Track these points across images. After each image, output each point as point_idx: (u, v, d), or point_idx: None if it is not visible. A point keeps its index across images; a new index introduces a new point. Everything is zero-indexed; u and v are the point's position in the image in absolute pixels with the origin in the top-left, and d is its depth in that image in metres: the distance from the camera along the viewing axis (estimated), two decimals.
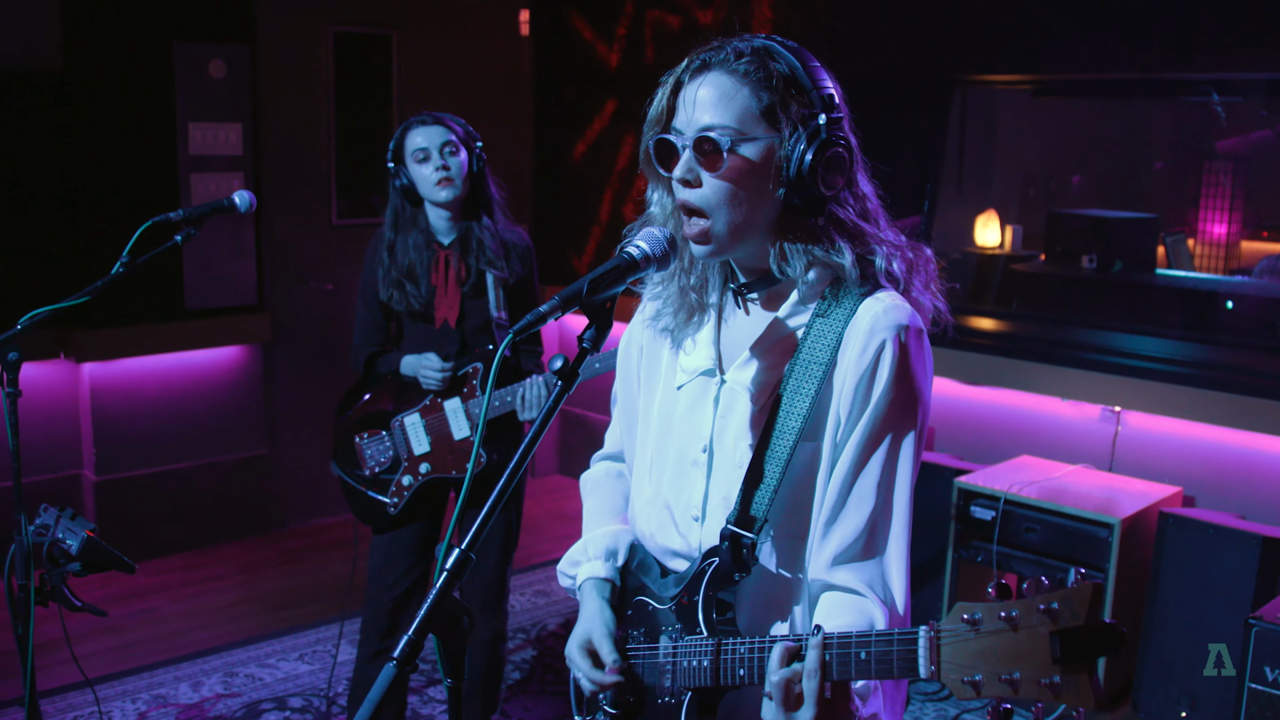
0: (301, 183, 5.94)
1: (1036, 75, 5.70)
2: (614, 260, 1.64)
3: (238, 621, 4.96)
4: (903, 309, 1.72)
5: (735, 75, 1.69)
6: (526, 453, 1.55)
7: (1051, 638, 1.28)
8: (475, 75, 6.54)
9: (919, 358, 1.72)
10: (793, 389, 1.73)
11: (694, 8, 6.08)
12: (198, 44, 5.44)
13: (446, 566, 1.52)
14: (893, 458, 1.71)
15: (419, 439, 3.63)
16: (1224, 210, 7.03)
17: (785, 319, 1.78)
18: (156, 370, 5.59)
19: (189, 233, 3.03)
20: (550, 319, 1.55)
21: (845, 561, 1.71)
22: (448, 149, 3.48)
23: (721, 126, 1.67)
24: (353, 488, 3.73)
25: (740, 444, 1.78)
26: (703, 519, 1.83)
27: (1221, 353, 4.85)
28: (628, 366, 2.05)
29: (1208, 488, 4.50)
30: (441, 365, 3.52)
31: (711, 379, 1.84)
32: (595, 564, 1.97)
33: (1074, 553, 4.20)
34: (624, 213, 6.58)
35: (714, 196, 1.69)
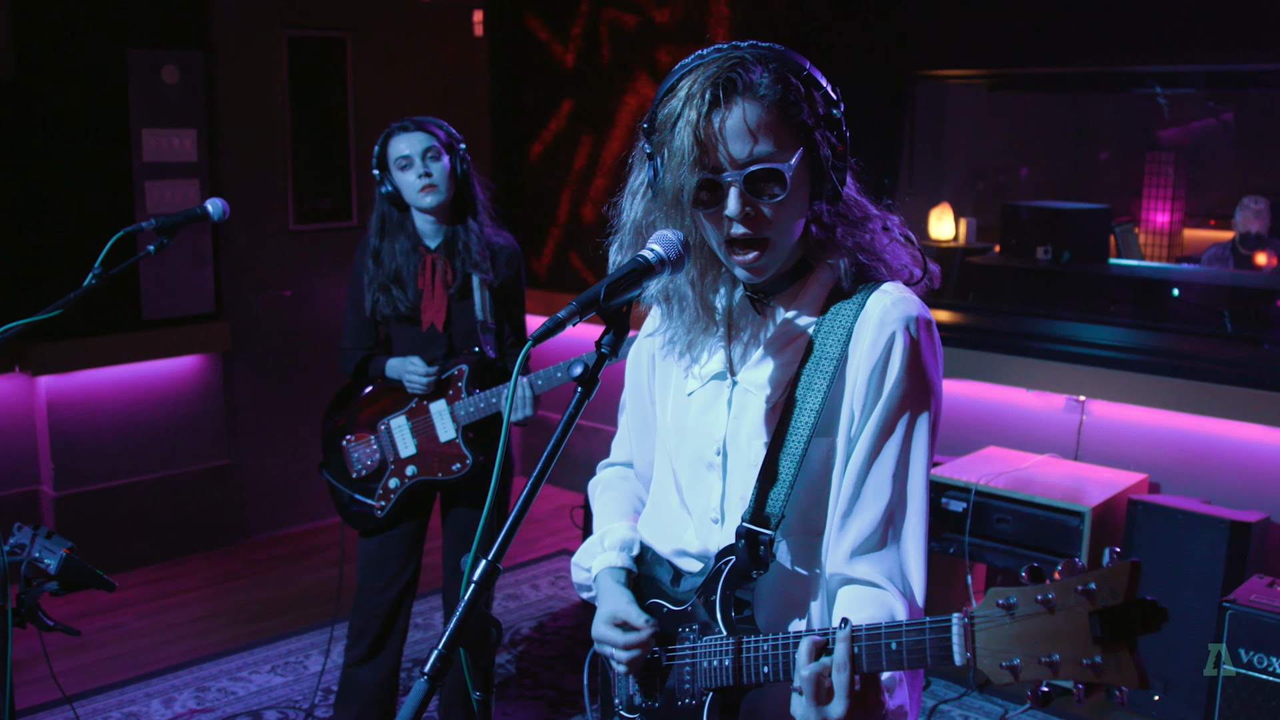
0: (258, 188, 5.87)
1: (992, 70, 5.76)
2: (629, 264, 1.63)
3: (207, 635, 4.89)
4: (911, 300, 1.74)
5: (763, 102, 1.65)
6: (551, 457, 1.53)
7: (1091, 618, 1.28)
8: (430, 77, 6.50)
9: (929, 348, 1.73)
10: (805, 385, 1.73)
11: (650, 7, 6.07)
12: (151, 50, 5.36)
13: (474, 579, 1.50)
14: (907, 449, 1.72)
15: (405, 442, 3.61)
16: (1166, 200, 7.15)
17: (795, 318, 1.79)
18: (114, 382, 5.51)
19: (162, 242, 2.99)
20: (569, 324, 1.54)
21: (863, 554, 1.71)
22: (430, 154, 3.47)
23: (773, 160, 1.65)
24: (340, 491, 3.72)
25: (754, 443, 1.78)
26: (722, 520, 1.83)
27: (1180, 340, 4.93)
28: (638, 377, 2.04)
29: (1172, 474, 4.57)
30: (426, 370, 3.50)
31: (723, 381, 1.84)
32: (610, 554, 1.97)
33: (1046, 542, 4.24)
34: (582, 213, 6.57)
35: (776, 222, 1.69)
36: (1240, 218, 6.07)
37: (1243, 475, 4.39)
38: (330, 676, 4.44)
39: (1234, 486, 4.38)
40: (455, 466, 3.56)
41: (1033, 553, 4.27)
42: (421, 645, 4.71)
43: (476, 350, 3.55)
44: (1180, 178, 7.08)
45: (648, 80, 6.12)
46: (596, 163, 6.47)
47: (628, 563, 1.96)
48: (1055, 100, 7.50)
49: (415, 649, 4.63)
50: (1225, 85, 6.27)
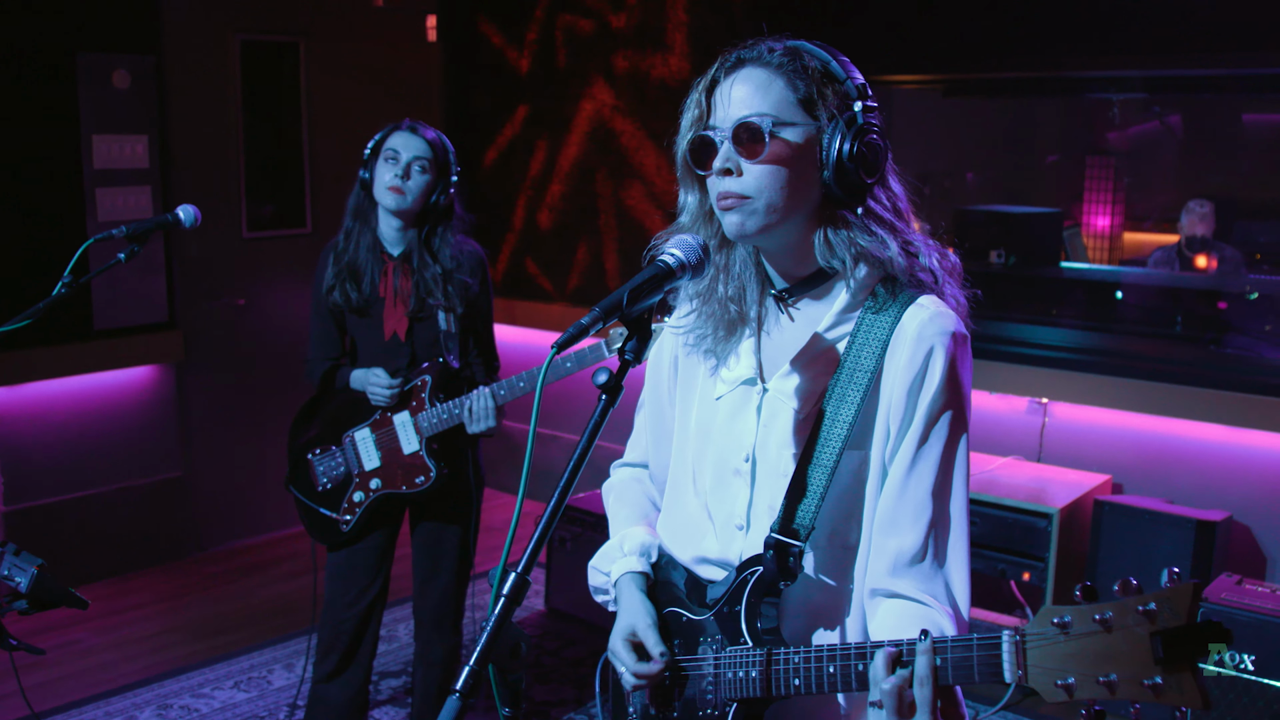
0: (211, 195, 5.77)
1: (942, 75, 5.80)
2: (649, 269, 1.61)
3: (166, 651, 4.80)
4: (949, 315, 1.72)
5: (769, 68, 1.70)
6: (576, 469, 1.51)
7: (1152, 639, 1.28)
8: (383, 82, 6.44)
9: (964, 364, 1.72)
10: (838, 397, 1.72)
11: (606, 12, 6.05)
12: (102, 54, 5.26)
13: (504, 592, 1.47)
14: (947, 464, 1.71)
15: (369, 454, 3.55)
16: (1107, 204, 7.25)
17: (830, 328, 1.77)
18: (65, 393, 5.39)
19: (133, 250, 2.93)
20: (592, 331, 1.52)
21: (906, 569, 1.70)
22: (418, 164, 3.41)
23: (759, 114, 1.67)
24: (306, 505, 3.64)
25: (784, 453, 1.77)
26: (747, 528, 1.81)
27: (1136, 342, 5.00)
28: (658, 376, 2.01)
29: (1134, 475, 4.62)
30: (389, 382, 3.45)
31: (753, 388, 1.82)
32: (630, 559, 1.95)
33: (1014, 543, 4.28)
34: (538, 220, 6.54)
35: (755, 183, 1.68)
36: (1186, 221, 6.16)
37: (1202, 475, 4.46)
38: (290, 693, 4.37)
39: (1194, 486, 4.44)
40: (419, 479, 3.50)
41: (1001, 555, 4.31)
42: (387, 658, 4.66)
43: (440, 360, 3.50)
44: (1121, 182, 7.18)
45: (604, 86, 6.10)
46: (553, 169, 6.44)
47: (648, 568, 1.94)
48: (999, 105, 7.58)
49: (381, 661, 4.57)
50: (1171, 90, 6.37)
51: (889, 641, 1.55)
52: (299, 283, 6.07)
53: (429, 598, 3.67)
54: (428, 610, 3.66)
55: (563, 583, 5.06)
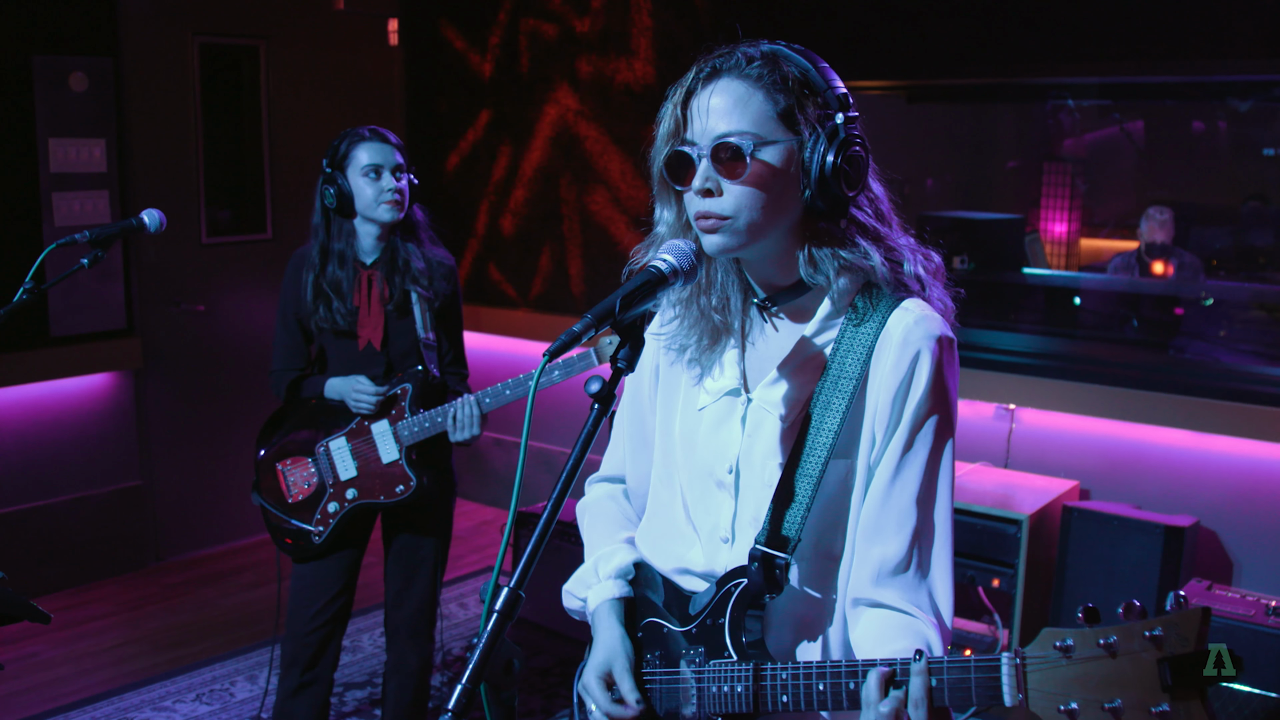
0: (170, 200, 5.68)
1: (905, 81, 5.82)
2: (642, 276, 1.58)
3: (125, 663, 4.71)
4: (934, 319, 1.70)
5: (748, 80, 1.65)
6: (570, 479, 1.48)
7: (1160, 665, 1.25)
8: (345, 86, 6.37)
9: (951, 369, 1.70)
10: (823, 405, 1.69)
11: (570, 16, 6.02)
12: (58, 56, 5.17)
13: (496, 608, 1.44)
14: (932, 471, 1.69)
15: (345, 464, 3.49)
16: (1064, 210, 7.30)
17: (814, 335, 1.74)
18: (21, 401, 5.28)
19: (96, 255, 2.88)
20: (584, 338, 1.49)
21: (890, 578, 1.68)
22: (398, 170, 3.41)
23: (739, 132, 1.63)
24: (275, 517, 3.56)
25: (769, 463, 1.74)
26: (732, 540, 1.78)
27: (1101, 348, 5.03)
28: (639, 385, 1.98)
29: (1101, 480, 4.64)
30: (375, 389, 3.39)
31: (737, 398, 1.80)
32: (608, 584, 1.90)
33: (984, 550, 4.28)
34: (501, 225, 6.50)
35: (734, 203, 1.64)
36: (1145, 227, 6.21)
37: (1168, 480, 4.48)
38: (253, 706, 4.30)
39: (1160, 491, 4.47)
40: (399, 489, 3.45)
41: (970, 561, 4.30)
42: (352, 668, 4.59)
43: (420, 369, 3.45)
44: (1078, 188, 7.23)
45: (568, 90, 6.07)
46: (516, 174, 6.40)
47: (626, 591, 1.90)
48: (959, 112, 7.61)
49: (345, 673, 4.51)
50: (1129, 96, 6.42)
51: (882, 660, 1.52)
52: (259, 289, 6.00)
53: (405, 608, 3.61)
54: (403, 621, 3.61)
55: (529, 591, 5.00)
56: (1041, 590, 4.34)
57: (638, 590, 1.91)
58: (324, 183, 3.41)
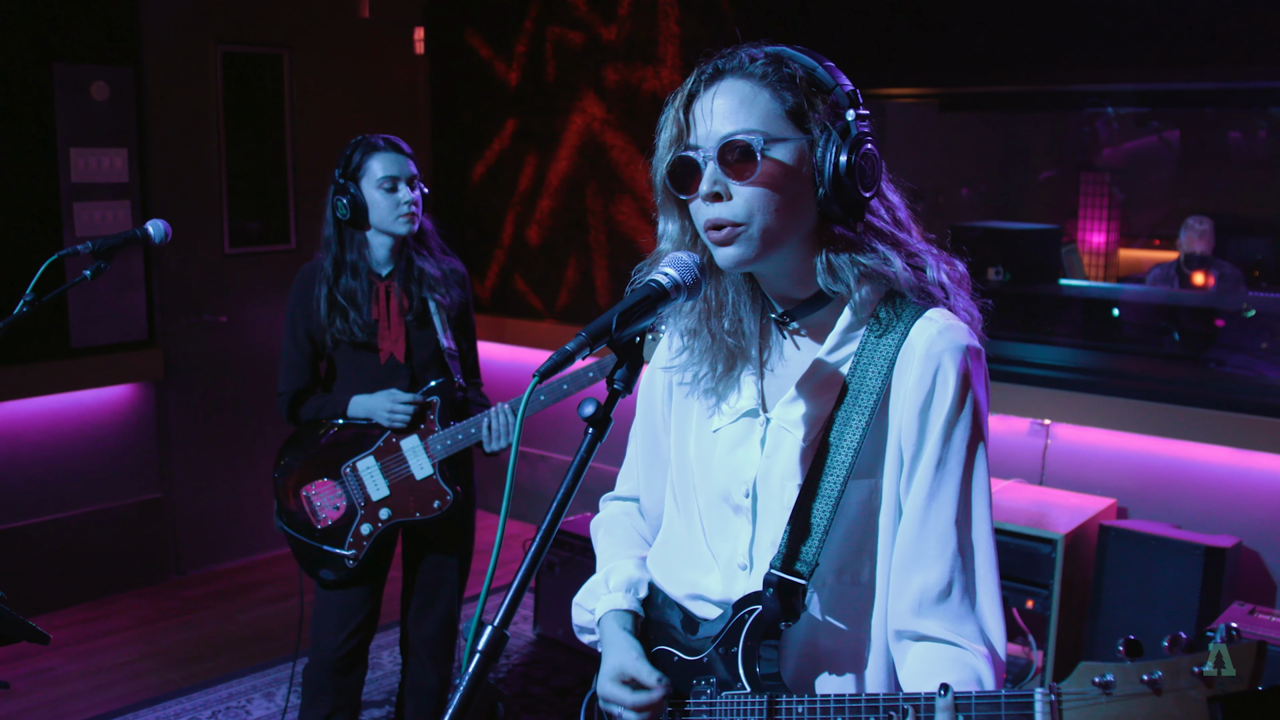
0: (192, 210, 5.65)
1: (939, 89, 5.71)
2: (641, 290, 1.48)
3: (141, 679, 4.64)
4: (959, 328, 1.59)
5: (752, 79, 1.57)
6: (561, 507, 1.38)
7: (1211, 704, 1.15)
8: (369, 95, 6.32)
9: (979, 380, 1.60)
10: (842, 423, 1.59)
11: (597, 24, 5.94)
12: (79, 65, 5.13)
13: (479, 648, 1.34)
14: (967, 490, 1.58)
15: (376, 484, 3.38)
16: (1102, 220, 7.16)
17: (834, 349, 1.64)
18: (41, 412, 5.24)
19: (99, 266, 2.81)
20: (579, 357, 1.39)
21: (933, 607, 1.57)
22: (414, 182, 3.32)
23: (747, 130, 1.53)
24: (303, 544, 3.43)
25: (788, 484, 1.64)
26: (750, 567, 1.68)
27: (1139, 361, 4.89)
28: (651, 407, 1.89)
29: (1139, 498, 4.50)
30: (410, 397, 3.31)
31: (755, 419, 1.69)
32: (616, 596, 1.82)
33: (1017, 570, 4.15)
34: (527, 235, 6.42)
35: (746, 207, 1.54)
36: (1185, 238, 6.07)
37: (1210, 499, 4.34)
38: None
39: (1202, 510, 4.32)
40: (435, 504, 3.35)
41: (1003, 581, 4.16)
42: (370, 686, 4.50)
43: (443, 380, 3.36)
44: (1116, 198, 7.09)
45: (594, 99, 5.99)
46: (542, 184, 6.32)
47: (635, 605, 1.81)
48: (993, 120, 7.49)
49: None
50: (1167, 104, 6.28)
51: (904, 695, 1.42)
52: (283, 300, 5.91)
53: (426, 627, 3.52)
54: (424, 639, 3.52)
55: (551, 609, 4.92)
56: (1077, 612, 4.21)
57: (649, 613, 1.81)
58: (336, 193, 3.33)
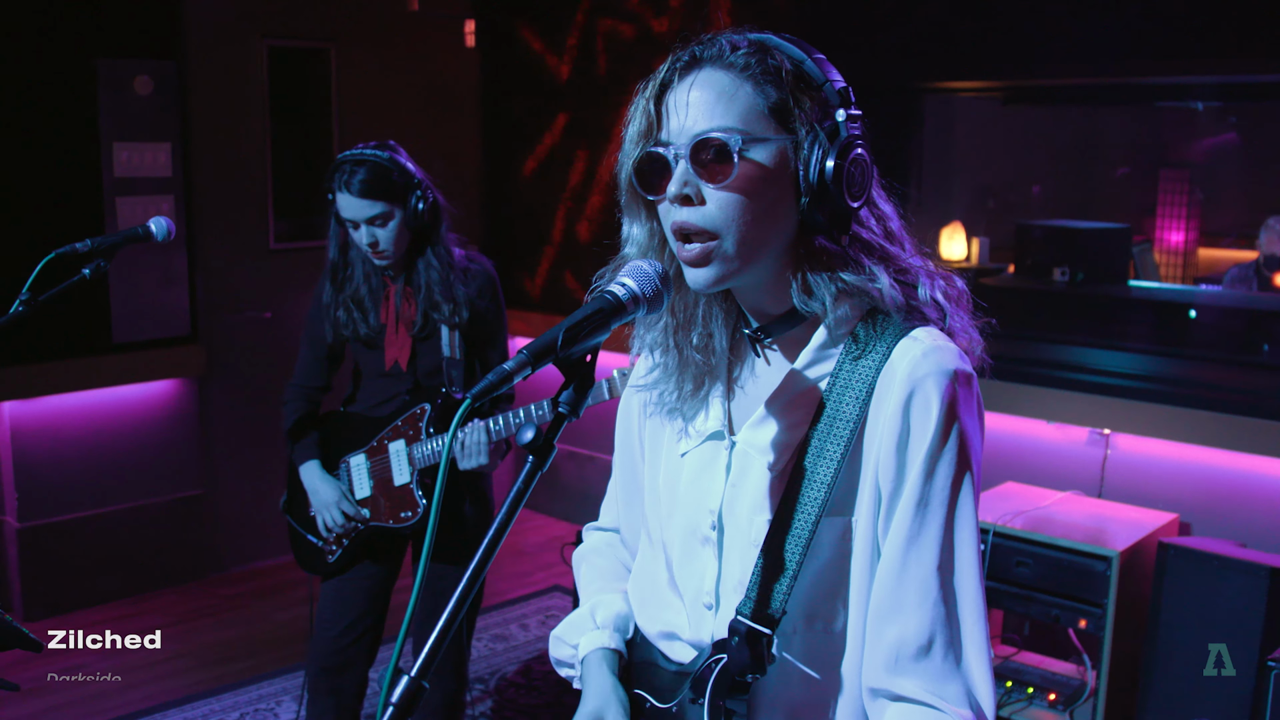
0: (236, 205, 5.60)
1: (1005, 81, 5.49)
2: (594, 303, 1.33)
3: (172, 679, 4.60)
4: (947, 350, 1.41)
5: (733, 70, 1.40)
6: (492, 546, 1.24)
7: None
8: (419, 90, 6.23)
9: (969, 408, 1.42)
10: (815, 453, 1.43)
11: (648, 16, 5.81)
12: (122, 60, 5.09)
13: (393, 701, 1.20)
14: (950, 532, 1.40)
15: (361, 482, 3.32)
16: (1181, 218, 6.89)
17: (806, 367, 1.48)
18: (82, 407, 5.22)
19: (99, 265, 2.71)
20: (518, 378, 1.25)
21: (912, 665, 1.39)
22: (376, 222, 3.13)
23: (724, 128, 1.37)
24: (295, 531, 3.45)
25: (756, 518, 1.48)
26: (716, 606, 1.52)
27: (1209, 369, 4.64)
28: (628, 431, 1.74)
29: (1203, 514, 4.27)
30: (350, 514, 3.31)
31: (721, 441, 1.54)
32: (603, 633, 1.67)
33: (1069, 588, 3.94)
34: (577, 231, 6.30)
35: (720, 214, 1.38)
36: (1265, 239, 5.79)
37: (1277, 516, 4.09)
38: None
39: (1269, 529, 4.08)
40: (405, 514, 3.25)
41: (1055, 599, 3.97)
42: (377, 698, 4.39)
43: (444, 390, 3.25)
44: (1195, 196, 6.82)
45: None
46: (593, 179, 6.19)
47: (620, 645, 1.66)
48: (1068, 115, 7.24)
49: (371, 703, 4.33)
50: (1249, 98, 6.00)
51: None
52: None
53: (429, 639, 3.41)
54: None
55: None
56: (1133, 631, 3.99)
57: (631, 653, 1.67)
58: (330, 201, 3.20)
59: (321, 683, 3.35)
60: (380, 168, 3.11)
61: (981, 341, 1.50)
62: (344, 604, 3.34)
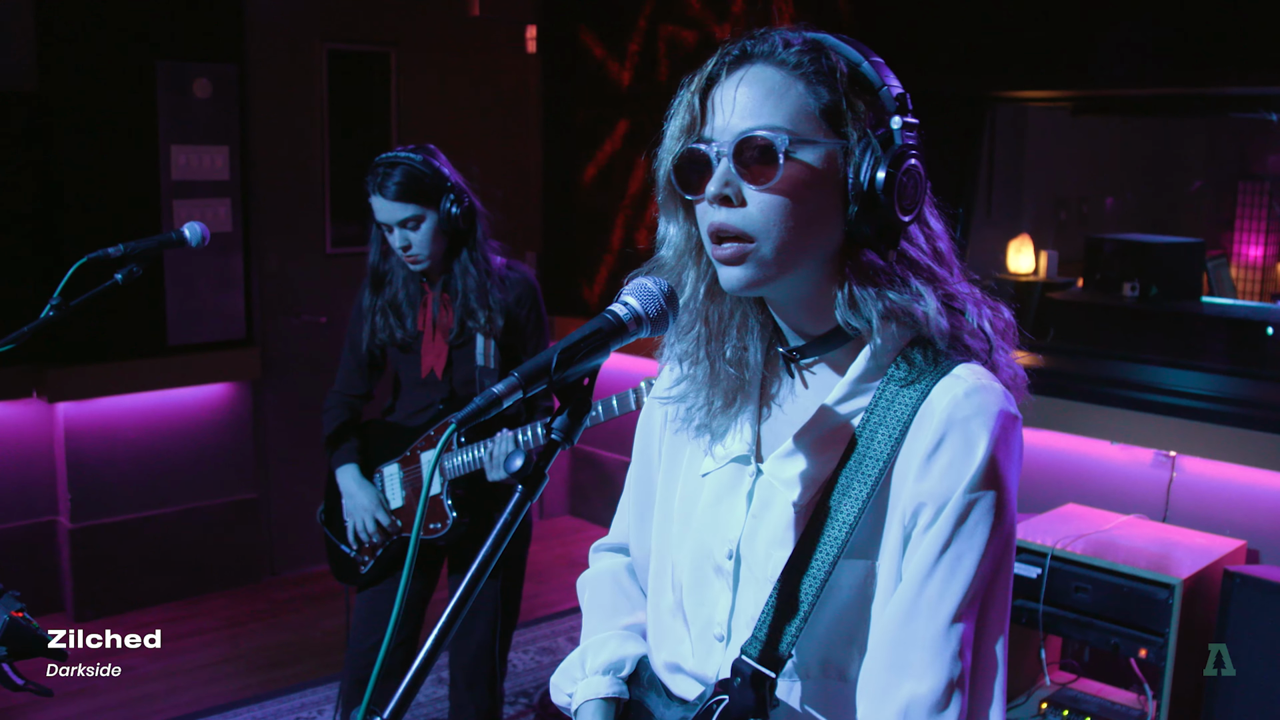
0: (293, 209, 5.61)
1: (1076, 92, 5.34)
2: (594, 323, 1.26)
3: (219, 683, 4.59)
4: (992, 390, 1.33)
5: (784, 68, 1.32)
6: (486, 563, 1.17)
7: None
8: (479, 95, 6.21)
9: (1008, 455, 1.32)
10: (841, 490, 1.34)
11: (710, 22, 5.73)
12: (182, 62, 5.11)
13: None
14: (979, 583, 1.31)
15: (394, 492, 3.28)
16: (1260, 232, 6.69)
17: (843, 399, 1.39)
18: (137, 409, 5.25)
19: (132, 270, 2.70)
20: (507, 403, 1.18)
21: None
22: (409, 224, 3.10)
23: (772, 127, 1.29)
24: (330, 541, 3.42)
25: (775, 554, 1.39)
26: (727, 639, 1.44)
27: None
28: (647, 443, 1.65)
29: (1273, 542, 4.10)
30: (384, 524, 3.28)
31: (745, 467, 1.46)
32: (594, 680, 1.59)
33: (1129, 616, 3.80)
34: (637, 239, 6.23)
35: (761, 217, 1.30)
36: None
37: None
38: None
39: None
40: (434, 525, 3.20)
41: (1115, 626, 3.83)
42: (415, 710, 4.35)
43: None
44: (1275, 209, 6.62)
45: None
46: (653, 187, 6.12)
47: (616, 690, 1.58)
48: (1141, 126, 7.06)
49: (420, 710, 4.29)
50: None
51: None
52: None
53: (463, 655, 3.36)
54: (461, 668, 3.36)
55: None
56: (1197, 662, 3.83)
57: (633, 691, 1.59)
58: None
59: (355, 695, 3.31)
60: (413, 170, 3.07)
61: (1026, 378, 1.41)
62: (377, 616, 3.30)
